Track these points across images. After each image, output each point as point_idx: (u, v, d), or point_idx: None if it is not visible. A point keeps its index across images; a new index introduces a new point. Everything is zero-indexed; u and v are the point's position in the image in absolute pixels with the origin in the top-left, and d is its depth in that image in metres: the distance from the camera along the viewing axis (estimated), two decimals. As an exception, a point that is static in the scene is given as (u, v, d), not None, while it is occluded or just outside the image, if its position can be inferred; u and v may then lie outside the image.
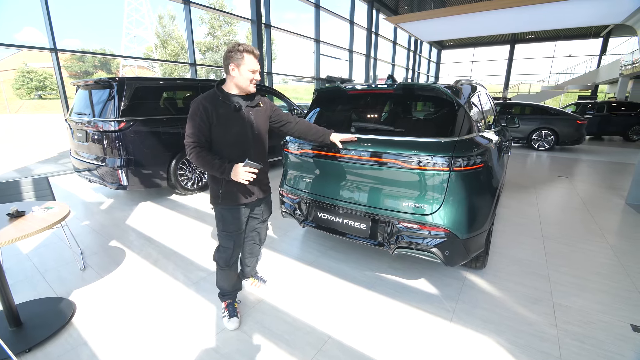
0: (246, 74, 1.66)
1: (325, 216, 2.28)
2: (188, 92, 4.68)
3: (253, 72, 1.67)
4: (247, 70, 1.65)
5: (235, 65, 1.64)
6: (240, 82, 1.68)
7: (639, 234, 3.36)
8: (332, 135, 2.08)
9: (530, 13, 9.72)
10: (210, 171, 1.66)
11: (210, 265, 2.58)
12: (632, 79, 14.53)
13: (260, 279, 2.26)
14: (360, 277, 2.43)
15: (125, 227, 3.39)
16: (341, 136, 2.08)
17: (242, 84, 1.69)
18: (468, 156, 1.84)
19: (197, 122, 1.63)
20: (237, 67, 1.64)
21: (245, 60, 1.64)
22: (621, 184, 5.44)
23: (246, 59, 1.64)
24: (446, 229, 1.86)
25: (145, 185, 4.04)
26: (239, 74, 1.66)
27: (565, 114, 8.90)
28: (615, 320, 1.99)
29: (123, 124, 3.72)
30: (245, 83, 1.68)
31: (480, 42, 25.13)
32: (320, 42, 11.95)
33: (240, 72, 1.65)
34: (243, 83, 1.68)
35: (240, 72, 1.65)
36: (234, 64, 1.64)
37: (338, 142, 2.08)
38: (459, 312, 2.04)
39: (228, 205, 1.79)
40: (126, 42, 53.98)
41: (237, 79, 1.67)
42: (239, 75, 1.66)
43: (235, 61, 1.64)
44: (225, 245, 1.85)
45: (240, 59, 1.63)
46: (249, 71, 1.66)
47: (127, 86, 3.79)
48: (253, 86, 1.72)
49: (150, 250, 2.87)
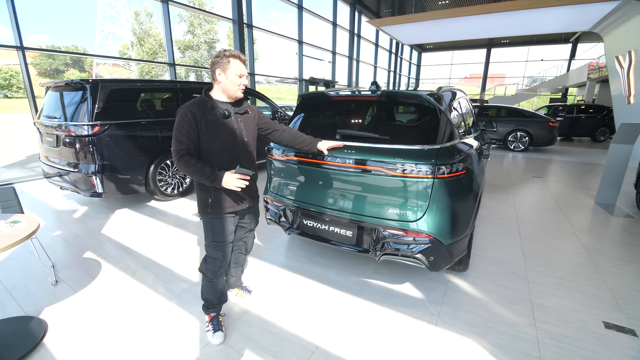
0: (233, 79, 1.63)
1: (310, 223, 2.26)
2: (167, 94, 4.53)
3: (240, 76, 1.64)
4: (234, 74, 1.62)
5: (221, 70, 1.61)
6: (228, 86, 1.65)
7: (608, 232, 3.55)
8: (319, 144, 2.07)
9: (505, 19, 10.08)
10: (200, 179, 1.61)
11: (193, 276, 2.50)
12: (598, 83, 15.37)
13: (245, 289, 2.22)
14: (346, 283, 2.43)
15: (100, 236, 3.24)
16: (328, 144, 2.07)
17: (229, 89, 1.66)
18: (451, 163, 1.87)
19: (185, 129, 1.58)
20: (223, 71, 1.61)
21: (232, 64, 1.61)
22: (590, 184, 5.73)
23: (232, 63, 1.61)
24: (430, 235, 1.88)
25: (122, 192, 3.88)
26: (225, 79, 1.63)
27: (538, 116, 9.30)
28: (590, 319, 2.08)
29: (97, 128, 3.56)
30: (233, 88, 1.65)
31: (458, 45, 25.88)
32: (303, 44, 11.92)
33: (227, 77, 1.62)
34: (230, 88, 1.65)
35: (227, 76, 1.62)
36: (220, 69, 1.61)
37: (325, 150, 2.07)
38: (443, 316, 2.07)
39: (217, 214, 1.74)
40: (100, 39, 51.88)
41: (224, 84, 1.64)
42: (225, 80, 1.63)
43: (222, 66, 1.61)
44: (213, 256, 1.80)
45: (226, 63, 1.61)
46: (235, 75, 1.63)
47: (102, 88, 3.63)
48: (241, 91, 1.69)
49: (128, 261, 2.75)
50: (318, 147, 2.07)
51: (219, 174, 1.58)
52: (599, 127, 11.77)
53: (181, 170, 1.62)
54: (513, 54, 26.88)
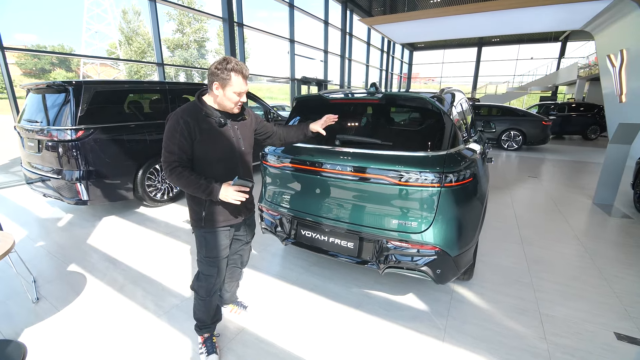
0: (231, 96, 1.49)
1: (309, 234, 2.14)
2: (155, 95, 4.35)
3: (239, 94, 1.50)
4: (233, 92, 1.48)
5: (220, 85, 1.47)
6: (224, 103, 1.52)
7: (608, 234, 3.51)
8: (311, 126, 1.97)
9: (497, 18, 10.08)
10: (196, 193, 1.48)
11: (184, 290, 2.36)
12: (588, 81, 15.55)
13: (240, 305, 2.09)
14: (347, 295, 2.32)
15: (86, 247, 3.07)
16: (320, 122, 1.97)
17: (225, 105, 1.53)
18: (458, 171, 1.77)
19: (177, 139, 1.45)
20: (222, 87, 1.47)
21: (233, 81, 1.46)
22: (586, 183, 5.74)
23: (233, 81, 1.46)
24: (437, 247, 1.78)
25: (109, 199, 3.70)
26: (222, 95, 1.49)
27: (531, 115, 9.32)
28: (600, 329, 2.01)
29: (81, 133, 3.38)
30: (229, 105, 1.52)
31: (449, 44, 25.98)
32: (295, 42, 11.76)
33: (224, 93, 1.48)
34: (227, 105, 1.52)
35: (224, 93, 1.48)
36: (218, 83, 1.47)
37: (320, 129, 1.97)
38: (450, 330, 1.98)
39: (212, 228, 1.61)
40: (87, 38, 50.68)
41: (221, 99, 1.51)
42: (222, 97, 1.49)
43: (221, 81, 1.46)
44: (207, 272, 1.67)
45: (226, 79, 1.45)
46: (234, 93, 1.49)
47: (85, 90, 3.44)
48: (237, 108, 1.56)
49: (116, 274, 2.60)
50: (312, 129, 1.97)
51: (216, 186, 1.45)
52: (589, 125, 11.88)
53: (173, 184, 1.49)
54: (503, 53, 27.09)
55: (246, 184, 1.47)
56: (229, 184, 1.47)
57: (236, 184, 1.45)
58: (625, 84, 8.01)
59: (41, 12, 56.71)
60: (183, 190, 1.51)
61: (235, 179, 1.45)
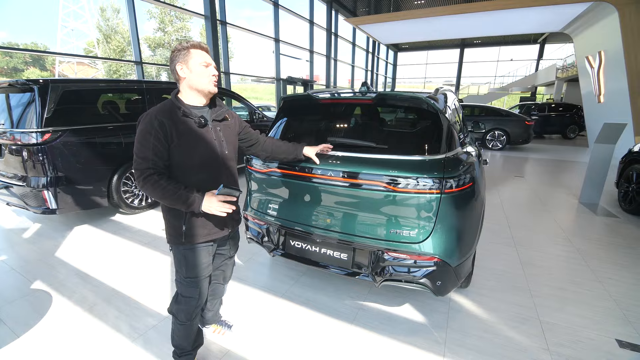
0: (199, 70, 1.33)
1: (299, 244, 1.98)
2: (131, 95, 4.09)
3: (206, 65, 1.35)
4: (198, 64, 1.33)
5: (182, 63, 1.32)
6: (196, 80, 1.34)
7: (597, 234, 3.51)
8: (305, 149, 1.80)
9: (480, 19, 10.22)
10: (174, 204, 1.30)
11: (162, 308, 2.16)
12: (566, 82, 16.04)
13: (224, 324, 1.90)
14: (340, 307, 2.18)
15: (54, 261, 2.80)
16: (316, 148, 1.81)
17: (198, 83, 1.35)
18: (457, 176, 1.66)
19: (151, 143, 1.27)
20: (184, 64, 1.32)
21: (193, 54, 1.32)
22: (570, 182, 5.82)
23: (193, 53, 1.32)
24: (438, 258, 1.66)
25: (81, 207, 3.43)
26: (189, 72, 1.33)
27: (515, 115, 9.47)
28: (601, 337, 1.95)
29: (48, 135, 3.10)
30: (202, 81, 1.35)
31: (433, 45, 26.35)
32: (280, 42, 11.57)
33: (190, 69, 1.32)
34: (199, 82, 1.35)
35: (190, 69, 1.32)
36: (180, 63, 1.32)
37: (314, 156, 1.80)
38: (450, 344, 1.86)
39: (193, 244, 1.42)
40: (63, 36, 48.63)
41: (190, 79, 1.34)
42: (190, 74, 1.33)
43: (181, 59, 1.31)
44: (187, 294, 1.48)
45: (186, 54, 1.31)
46: (201, 65, 1.33)
47: (52, 89, 3.16)
48: (213, 84, 1.38)
49: (86, 291, 2.36)
50: (305, 154, 1.80)
51: (197, 196, 1.28)
52: (568, 125, 12.23)
53: (148, 194, 1.30)
54: (485, 54, 27.74)
55: (233, 193, 1.30)
56: (212, 194, 1.30)
57: (221, 193, 1.28)
58: (603, 84, 8.26)
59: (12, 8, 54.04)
60: (159, 201, 1.33)
61: (221, 187, 1.28)
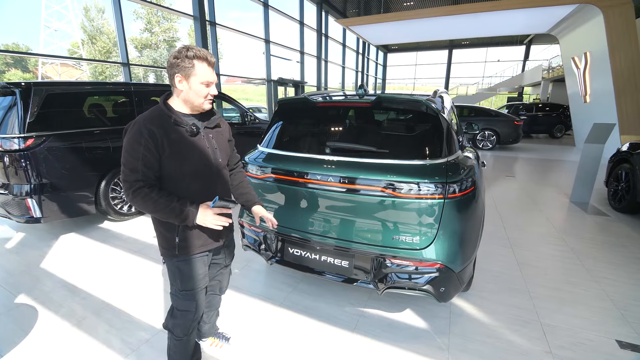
0: (198, 89, 1.24)
1: (297, 252, 1.93)
2: (119, 98, 3.97)
3: (207, 85, 1.26)
4: (199, 83, 1.23)
5: (182, 76, 1.22)
6: (191, 97, 1.26)
7: (590, 233, 3.55)
8: (255, 207, 1.58)
9: (469, 21, 10.35)
10: (168, 218, 1.23)
11: (155, 321, 2.07)
12: (552, 82, 16.39)
13: (221, 336, 1.83)
14: (341, 315, 2.13)
15: (39, 272, 2.68)
16: (265, 214, 1.56)
17: (193, 101, 1.27)
18: (460, 180, 1.63)
19: (140, 153, 1.19)
20: (185, 78, 1.22)
21: (197, 70, 1.22)
22: (560, 181, 5.91)
23: (197, 69, 1.22)
24: (441, 264, 1.63)
25: (68, 214, 3.29)
26: (188, 88, 1.24)
27: (504, 115, 9.62)
28: (601, 338, 1.95)
29: (31, 141, 2.97)
30: (198, 100, 1.27)
31: (422, 46, 26.61)
32: (271, 43, 11.48)
33: (190, 86, 1.24)
34: (194, 99, 1.27)
35: (190, 85, 1.23)
36: (181, 75, 1.22)
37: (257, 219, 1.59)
38: (454, 350, 1.84)
39: (187, 256, 1.35)
40: (46, 37, 47.31)
41: (187, 94, 1.26)
42: (188, 90, 1.24)
43: (183, 71, 1.21)
44: (183, 308, 1.41)
45: (189, 68, 1.21)
46: (201, 84, 1.24)
47: (35, 93, 3.03)
48: (208, 102, 1.31)
49: (74, 304, 2.25)
50: (253, 209, 1.59)
51: (191, 210, 1.21)
52: (555, 124, 12.49)
53: (138, 208, 1.22)
54: (473, 55, 28.14)
55: (228, 205, 1.24)
56: (207, 206, 1.24)
57: (217, 206, 1.22)
58: (589, 85, 8.44)
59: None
60: (152, 215, 1.25)
61: (216, 199, 1.22)
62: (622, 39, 6.91)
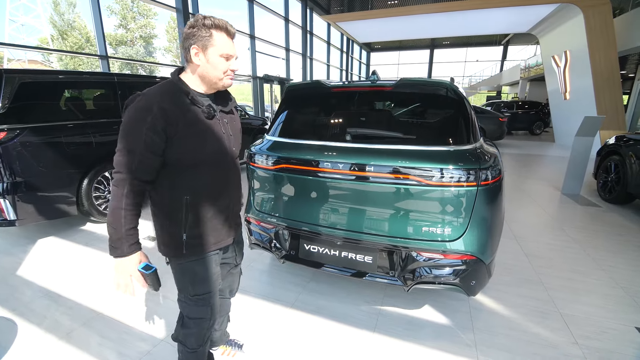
0: (217, 62, 1.07)
1: (315, 248, 1.78)
2: (100, 90, 3.67)
3: (227, 58, 1.09)
4: (218, 55, 1.06)
5: (199, 48, 1.05)
6: (209, 73, 1.09)
7: (586, 223, 3.61)
8: None
9: (452, 19, 10.52)
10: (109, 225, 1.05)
11: (155, 330, 1.87)
12: (529, 82, 16.98)
13: (234, 344, 1.67)
14: (358, 315, 2.00)
15: (15, 281, 2.40)
16: None
17: (211, 77, 1.10)
18: (491, 167, 1.55)
19: (143, 133, 0.99)
20: (202, 50, 1.05)
21: (216, 40, 1.05)
22: (547, 174, 6.06)
23: (217, 39, 1.05)
24: (472, 256, 1.54)
25: (46, 217, 3.00)
26: (205, 62, 1.07)
27: (490, 112, 9.83)
28: (621, 326, 1.93)
29: (2, 135, 2.67)
30: (217, 75, 1.10)
31: (404, 46, 27.00)
32: (256, 39, 11.22)
33: (207, 59, 1.06)
34: (213, 75, 1.09)
35: (207, 58, 1.06)
36: (197, 47, 1.05)
37: None
38: (481, 346, 1.75)
39: (199, 255, 1.18)
40: (11, 31, 44.49)
41: (204, 69, 1.08)
42: (205, 64, 1.07)
43: (199, 42, 1.04)
44: (197, 315, 1.23)
45: (206, 38, 1.04)
46: (220, 57, 1.07)
47: (7, 81, 2.72)
48: (229, 79, 1.13)
49: (59, 315, 2.01)
50: None
51: (128, 247, 1.05)
52: (535, 121, 12.92)
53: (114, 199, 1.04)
54: (453, 55, 28.83)
55: (155, 285, 1.10)
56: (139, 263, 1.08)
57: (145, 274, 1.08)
58: (569, 82, 8.74)
59: (-52, 0, 48.60)
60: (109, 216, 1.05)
61: (153, 269, 1.08)
62: (601, 38, 7.18)
